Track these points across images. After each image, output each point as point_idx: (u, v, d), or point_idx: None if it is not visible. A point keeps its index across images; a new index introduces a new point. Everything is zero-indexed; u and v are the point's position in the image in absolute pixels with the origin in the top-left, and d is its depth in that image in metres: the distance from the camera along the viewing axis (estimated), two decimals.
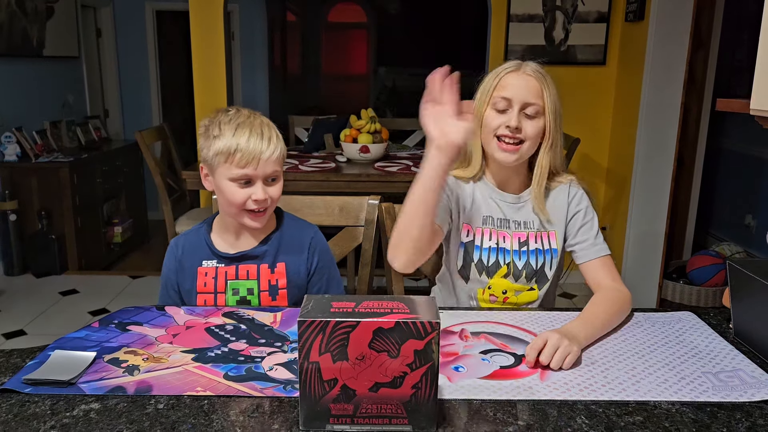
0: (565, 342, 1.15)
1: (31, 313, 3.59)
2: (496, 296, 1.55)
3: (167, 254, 1.56)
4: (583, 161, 3.97)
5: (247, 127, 1.41)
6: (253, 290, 1.48)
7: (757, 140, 4.26)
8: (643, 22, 3.50)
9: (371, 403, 0.92)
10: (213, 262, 1.50)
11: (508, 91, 1.47)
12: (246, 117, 1.44)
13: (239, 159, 1.39)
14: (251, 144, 1.39)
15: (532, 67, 1.51)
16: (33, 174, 4.17)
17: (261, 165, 1.40)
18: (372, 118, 3.37)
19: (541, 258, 1.54)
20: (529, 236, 1.55)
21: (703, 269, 3.73)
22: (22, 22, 4.39)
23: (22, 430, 0.92)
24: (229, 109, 1.47)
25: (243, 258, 1.49)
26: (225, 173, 1.41)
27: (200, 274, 1.49)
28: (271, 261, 1.50)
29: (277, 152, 1.43)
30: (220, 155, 1.40)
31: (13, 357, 1.15)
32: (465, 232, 1.55)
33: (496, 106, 1.48)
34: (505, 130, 1.46)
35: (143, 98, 5.80)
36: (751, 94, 1.22)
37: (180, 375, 1.08)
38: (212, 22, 3.61)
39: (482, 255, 1.54)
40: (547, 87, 1.50)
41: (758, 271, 1.17)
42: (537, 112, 1.48)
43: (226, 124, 1.42)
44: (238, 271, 1.49)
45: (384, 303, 0.94)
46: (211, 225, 1.55)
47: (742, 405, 1.01)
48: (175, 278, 1.53)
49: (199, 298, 1.48)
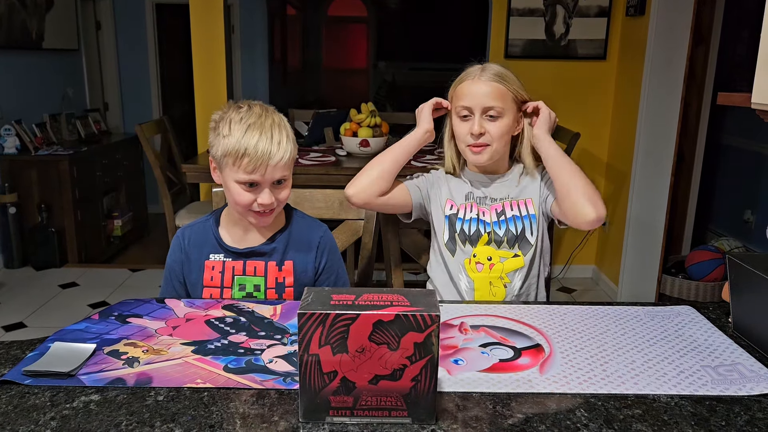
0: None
1: (30, 305, 3.59)
2: (482, 264, 1.60)
3: (173, 244, 1.54)
4: (583, 156, 3.97)
5: (257, 130, 1.36)
6: (260, 287, 1.48)
7: (756, 135, 4.25)
8: (644, 17, 3.49)
9: (371, 396, 0.92)
10: (221, 256, 1.48)
11: (466, 99, 1.57)
12: (257, 117, 1.39)
13: (246, 164, 1.35)
14: (260, 149, 1.34)
15: (490, 72, 1.57)
16: (33, 167, 4.16)
17: (269, 171, 1.37)
18: (372, 112, 3.36)
19: (519, 224, 1.61)
20: (504, 206, 1.63)
21: (702, 264, 3.73)
22: (21, 14, 4.38)
23: (21, 421, 0.92)
24: (241, 105, 1.42)
25: (251, 254, 1.48)
26: (232, 175, 1.38)
27: (207, 268, 1.48)
28: (279, 258, 1.49)
29: (286, 156, 1.39)
30: (228, 156, 1.37)
31: (13, 348, 1.15)
32: (449, 206, 1.65)
33: (459, 114, 1.59)
34: (471, 138, 1.57)
35: (143, 91, 5.79)
36: (753, 88, 1.22)
37: (180, 367, 1.08)
38: (212, 15, 3.60)
39: (464, 225, 1.63)
40: (508, 84, 1.57)
41: (758, 266, 1.17)
42: (499, 112, 1.55)
43: (236, 123, 1.37)
44: (245, 266, 1.48)
45: (384, 296, 0.94)
46: (219, 218, 1.53)
47: (741, 399, 1.02)
48: (181, 269, 1.52)
49: (205, 291, 1.48)
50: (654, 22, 3.38)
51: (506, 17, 3.83)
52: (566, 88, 3.89)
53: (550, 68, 3.89)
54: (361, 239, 1.82)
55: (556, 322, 1.32)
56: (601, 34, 3.85)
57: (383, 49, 7.16)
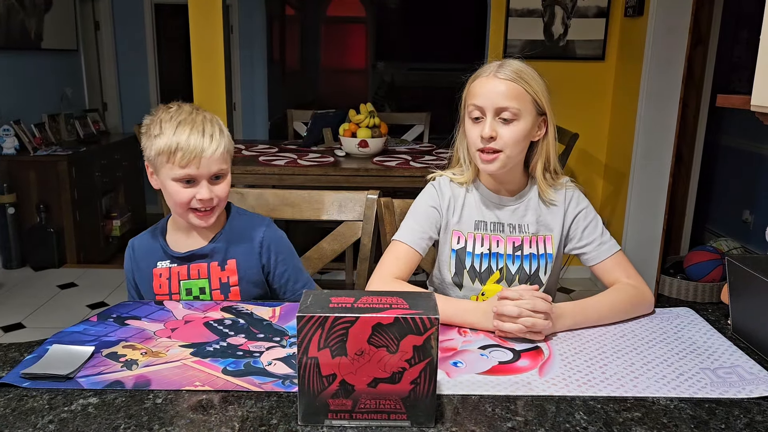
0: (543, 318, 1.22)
1: (29, 306, 3.59)
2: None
3: (125, 256, 1.55)
4: (582, 157, 3.97)
5: (188, 125, 1.37)
6: (204, 289, 1.47)
7: (754, 136, 4.26)
8: (643, 18, 3.49)
9: (370, 399, 0.92)
10: (167, 263, 1.48)
11: (479, 98, 1.39)
12: (188, 114, 1.39)
13: (180, 158, 1.35)
14: (192, 142, 1.35)
15: (508, 69, 1.39)
16: (31, 167, 4.16)
17: (204, 164, 1.37)
18: (371, 113, 3.36)
19: (535, 263, 1.49)
20: (524, 240, 1.49)
21: (700, 265, 3.74)
22: (20, 14, 4.38)
23: (20, 424, 0.92)
24: (170, 106, 1.43)
25: (193, 257, 1.47)
26: (168, 173, 1.38)
27: (155, 276, 1.48)
28: (221, 258, 1.47)
29: (220, 149, 1.38)
30: (162, 155, 1.37)
31: (11, 351, 1.15)
32: (456, 239, 1.50)
33: (471, 115, 1.42)
34: (481, 142, 1.40)
35: (142, 91, 5.78)
36: (752, 91, 1.22)
37: (178, 370, 1.08)
38: (211, 15, 3.60)
39: (474, 261, 1.49)
40: (528, 85, 1.39)
41: (757, 268, 1.17)
42: (515, 114, 1.37)
43: (166, 122, 1.38)
44: (189, 270, 1.47)
45: (383, 298, 0.93)
46: (165, 226, 1.53)
47: (740, 401, 1.01)
48: (134, 279, 1.53)
49: (156, 300, 1.48)
50: (653, 23, 3.39)
51: (505, 18, 3.84)
52: (565, 88, 3.89)
53: (548, 69, 3.83)
54: (360, 240, 1.82)
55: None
56: (600, 35, 3.85)
57: (382, 49, 7.16)
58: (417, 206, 1.54)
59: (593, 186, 4.04)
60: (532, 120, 1.40)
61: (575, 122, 3.66)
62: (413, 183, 2.95)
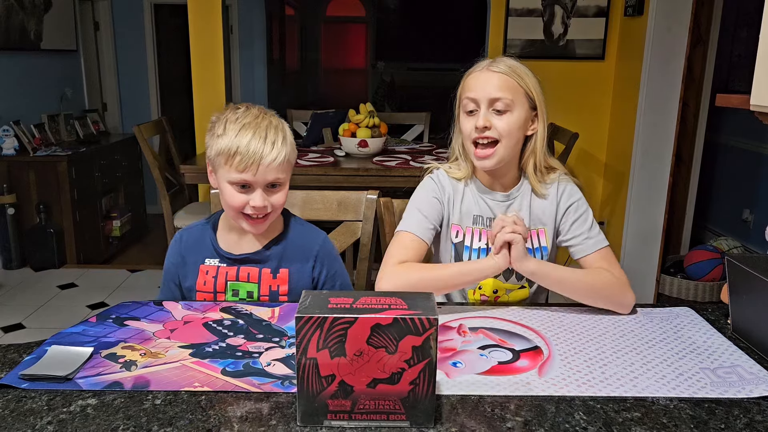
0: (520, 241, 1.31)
1: (29, 306, 3.59)
2: (487, 296, 1.53)
3: (171, 247, 1.52)
4: (582, 156, 3.97)
5: (251, 129, 1.34)
6: (252, 293, 1.46)
7: (754, 135, 4.26)
8: (642, 17, 3.49)
9: (369, 399, 0.92)
10: (215, 261, 1.46)
11: (472, 91, 1.42)
12: (254, 117, 1.37)
13: (238, 162, 1.33)
14: (252, 147, 1.32)
15: (501, 63, 1.43)
16: (31, 168, 4.15)
17: (261, 171, 1.34)
18: (371, 113, 3.36)
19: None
20: None
21: (700, 264, 3.73)
22: (19, 15, 4.37)
23: (18, 425, 0.92)
24: (239, 107, 1.40)
25: (245, 261, 1.46)
26: (225, 175, 1.36)
27: (201, 272, 1.46)
28: (274, 266, 1.46)
29: (280, 158, 1.35)
30: (221, 155, 1.35)
31: (9, 352, 1.15)
32: (454, 232, 1.52)
33: (466, 108, 1.44)
34: (476, 132, 1.42)
35: (141, 92, 5.78)
36: (752, 90, 1.21)
37: (177, 370, 1.08)
38: (211, 15, 3.60)
39: (472, 255, 1.50)
40: (520, 78, 1.41)
41: (757, 268, 1.17)
42: (507, 105, 1.40)
43: (231, 123, 1.35)
44: (239, 272, 1.46)
45: (382, 299, 0.93)
46: (217, 222, 1.51)
47: (740, 401, 1.01)
48: (176, 272, 1.50)
49: (198, 296, 1.46)
50: (652, 22, 3.38)
51: (504, 17, 3.84)
52: (565, 88, 3.89)
53: (548, 68, 3.88)
54: (359, 240, 1.82)
55: (554, 323, 1.32)
56: (600, 34, 3.85)
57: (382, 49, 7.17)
58: (419, 198, 1.54)
59: (593, 185, 4.03)
60: (525, 112, 1.43)
61: (575, 122, 3.66)
62: (413, 183, 2.94)
